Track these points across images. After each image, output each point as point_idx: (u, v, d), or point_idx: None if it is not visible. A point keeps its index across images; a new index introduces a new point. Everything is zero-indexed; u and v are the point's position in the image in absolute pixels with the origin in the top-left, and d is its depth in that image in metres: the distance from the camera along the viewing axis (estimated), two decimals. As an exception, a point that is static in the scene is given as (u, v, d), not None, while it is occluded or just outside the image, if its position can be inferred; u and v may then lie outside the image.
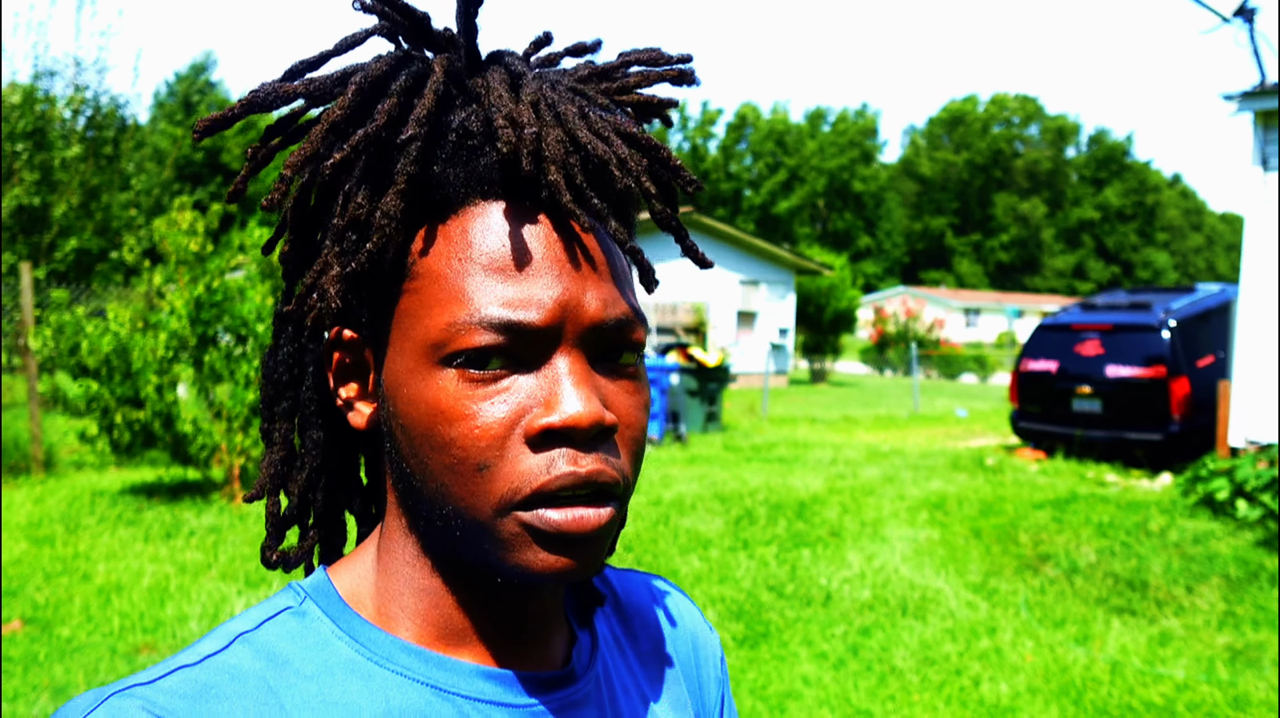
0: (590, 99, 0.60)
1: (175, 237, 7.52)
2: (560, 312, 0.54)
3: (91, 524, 6.32)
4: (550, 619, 0.64)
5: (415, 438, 0.55)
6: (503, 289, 0.54)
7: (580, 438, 0.54)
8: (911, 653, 4.40)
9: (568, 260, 0.55)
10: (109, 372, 7.00)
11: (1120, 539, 6.29)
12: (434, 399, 0.54)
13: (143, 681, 0.53)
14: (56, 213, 12.59)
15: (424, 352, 0.55)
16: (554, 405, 0.54)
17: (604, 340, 0.56)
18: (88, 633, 4.38)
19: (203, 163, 50.70)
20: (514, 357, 0.55)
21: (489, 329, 0.53)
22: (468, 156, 0.56)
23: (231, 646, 0.56)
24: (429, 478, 0.56)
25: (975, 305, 55.14)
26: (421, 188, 0.56)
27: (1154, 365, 9.21)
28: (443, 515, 0.56)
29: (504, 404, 0.54)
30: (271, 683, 0.54)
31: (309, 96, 0.59)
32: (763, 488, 7.96)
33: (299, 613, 0.59)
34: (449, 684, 0.58)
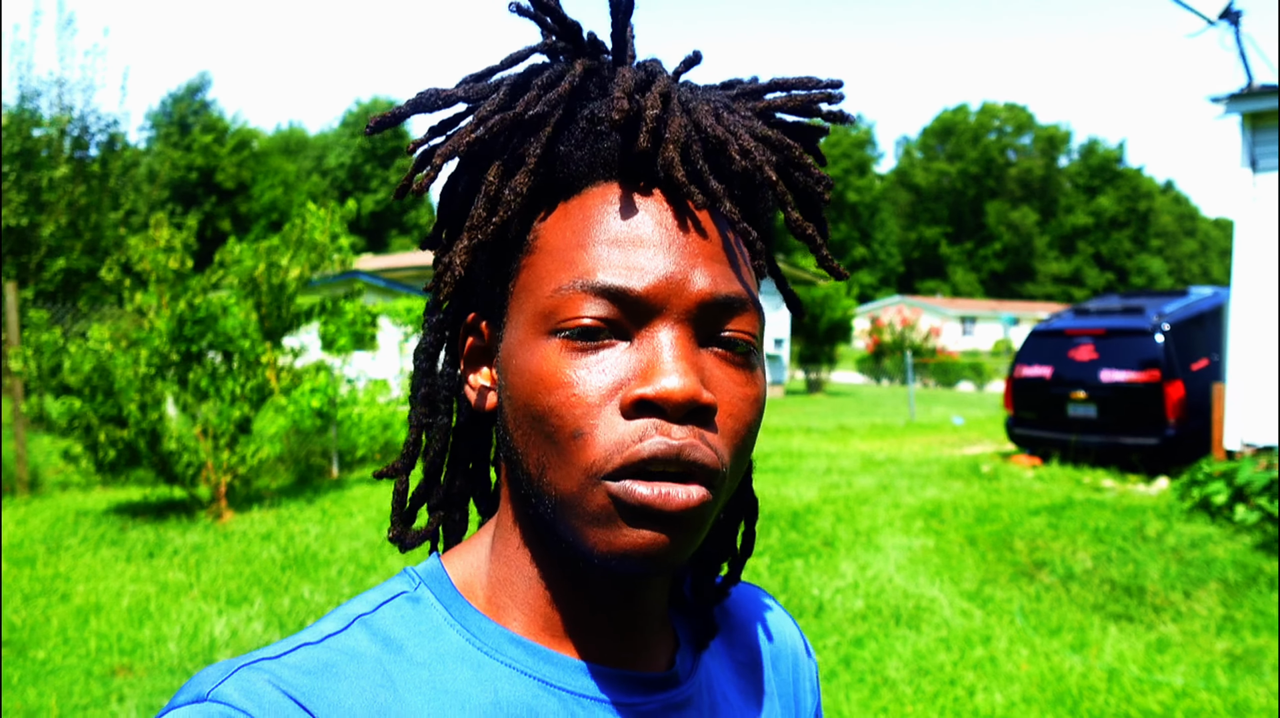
0: (732, 110, 0.61)
1: (153, 254, 7.46)
2: (666, 284, 0.55)
3: (73, 545, 6.23)
4: (654, 620, 0.64)
5: (519, 409, 0.56)
6: (610, 259, 0.55)
7: (673, 411, 0.53)
8: (905, 664, 4.31)
9: (679, 237, 0.56)
10: (91, 390, 6.93)
11: (1117, 545, 6.22)
12: (537, 368, 0.55)
13: (269, 656, 0.54)
14: (45, 233, 12.53)
15: (534, 323, 0.56)
16: (650, 377, 0.53)
17: (712, 319, 0.56)
18: (63, 655, 4.28)
19: (197, 183, 50.73)
20: (618, 327, 0.55)
21: (592, 294, 0.54)
22: (594, 140, 0.58)
23: (350, 627, 0.57)
24: (530, 450, 0.56)
25: (971, 314, 55.19)
26: (549, 168, 0.58)
27: (1148, 369, 9.15)
28: (539, 490, 0.56)
29: (603, 374, 0.54)
30: (387, 666, 0.55)
31: (468, 99, 0.61)
32: (756, 498, 7.88)
33: (413, 598, 0.60)
34: (556, 679, 0.59)
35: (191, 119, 54.18)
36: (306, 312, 8.63)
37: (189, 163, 49.16)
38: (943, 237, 79.75)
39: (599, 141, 0.58)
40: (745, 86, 0.65)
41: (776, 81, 0.65)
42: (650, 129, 0.56)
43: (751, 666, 0.73)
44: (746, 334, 0.57)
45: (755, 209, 0.62)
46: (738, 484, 0.61)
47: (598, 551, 0.54)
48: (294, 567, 5.66)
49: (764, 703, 0.71)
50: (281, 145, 62.04)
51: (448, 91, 0.61)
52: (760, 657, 0.74)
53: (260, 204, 53.61)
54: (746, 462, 0.60)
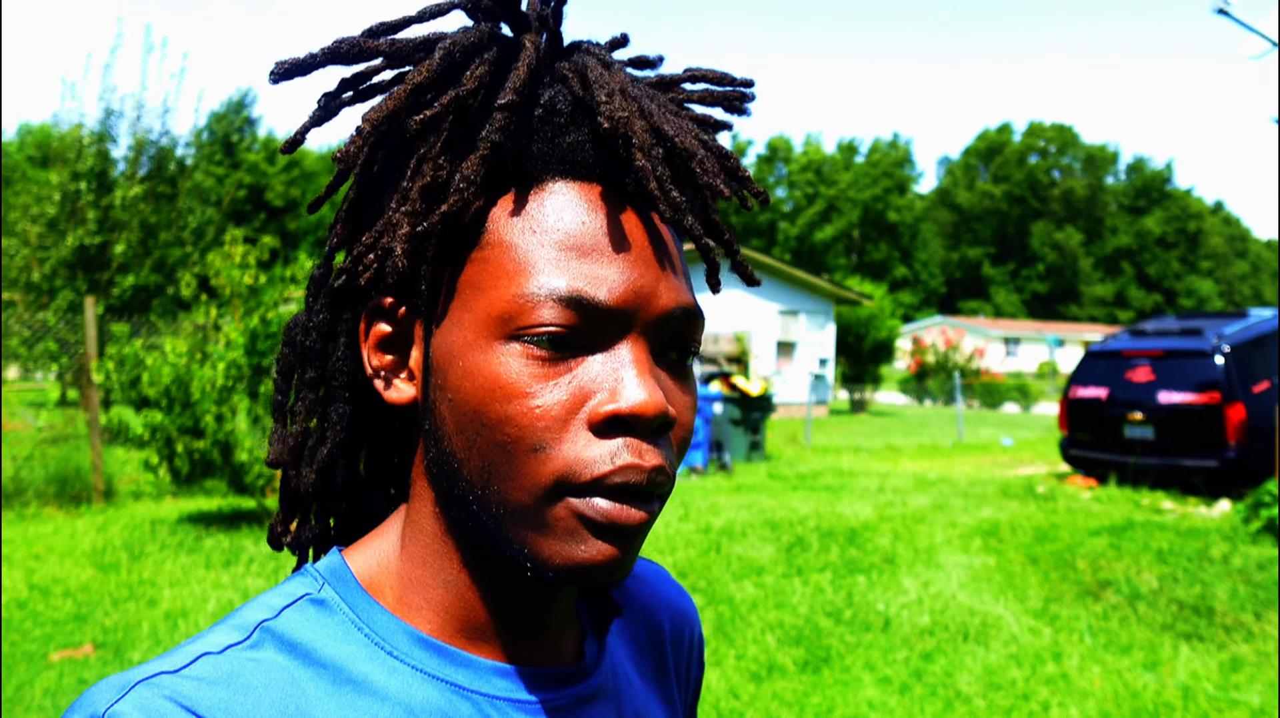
0: (677, 114, 0.60)
1: (229, 270, 7.72)
2: (633, 297, 0.53)
3: (154, 552, 6.44)
4: (567, 616, 0.63)
5: (466, 414, 0.53)
6: (576, 267, 0.53)
7: (644, 428, 0.52)
8: (976, 678, 4.35)
9: (645, 247, 0.55)
10: (169, 402, 7.17)
11: (1182, 566, 6.18)
12: (493, 374, 0.52)
13: (168, 669, 0.50)
14: (116, 250, 12.95)
15: (487, 324, 0.53)
16: (620, 393, 0.52)
17: (670, 333, 0.56)
18: (158, 655, 4.45)
19: (246, 200, 51.75)
20: (581, 338, 0.53)
21: (558, 304, 0.52)
22: (552, 133, 0.55)
23: (253, 635, 0.54)
24: (475, 457, 0.54)
25: (1015, 335, 54.58)
26: (501, 157, 0.55)
27: (1208, 391, 9.07)
28: (482, 498, 0.54)
29: (567, 386, 0.53)
30: (295, 675, 0.53)
31: (390, 56, 0.58)
32: (812, 515, 7.93)
33: (317, 601, 0.57)
34: (468, 683, 0.57)
35: (236, 137, 55.06)
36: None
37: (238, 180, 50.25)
38: (985, 257, 79.04)
39: (558, 135, 0.55)
40: (661, 77, 0.63)
41: (693, 72, 0.64)
42: (622, 134, 0.53)
43: (652, 644, 0.72)
44: (694, 345, 0.58)
45: (705, 211, 0.60)
46: None
47: (553, 563, 0.53)
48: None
49: (664, 681, 0.72)
50: (327, 164, 63.16)
51: (369, 44, 0.57)
52: (661, 635, 0.73)
53: (309, 222, 54.57)
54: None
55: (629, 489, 0.52)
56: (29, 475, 8.28)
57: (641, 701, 0.68)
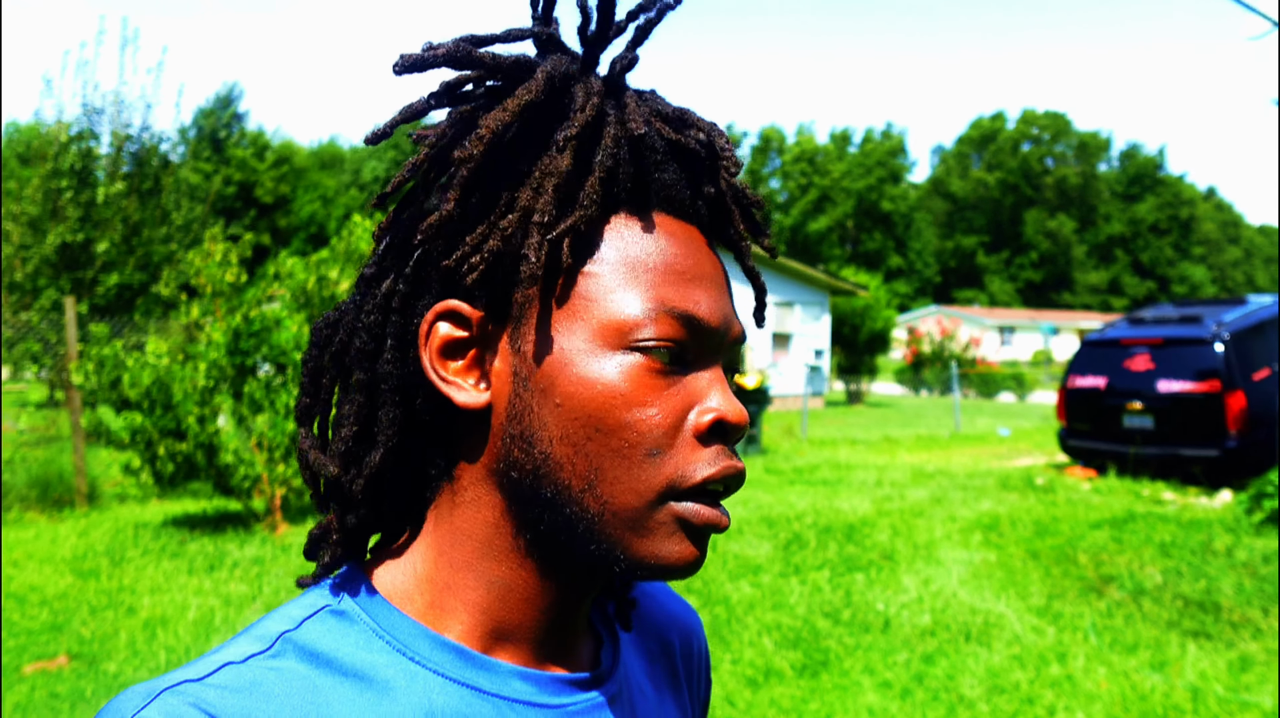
0: None
1: (210, 269, 7.55)
2: (723, 321, 0.60)
3: (136, 557, 6.29)
4: (583, 623, 0.66)
5: (577, 419, 0.56)
6: (683, 289, 0.58)
7: (735, 436, 0.58)
8: (979, 681, 4.22)
9: (721, 278, 0.61)
10: (150, 404, 7.01)
11: (1186, 559, 6.07)
12: (610, 382, 0.56)
13: (192, 677, 0.52)
14: (99, 248, 12.75)
15: (604, 335, 0.57)
16: (722, 405, 0.58)
17: (733, 356, 0.62)
18: (134, 668, 4.31)
19: (235, 196, 51.43)
20: (684, 355, 0.58)
21: (674, 320, 0.57)
22: (651, 168, 0.60)
23: (275, 645, 0.55)
24: (581, 461, 0.56)
25: (1010, 323, 54.52)
26: (615, 181, 0.59)
27: (1208, 380, 8.95)
28: (580, 500, 0.56)
29: (678, 397, 0.57)
30: (316, 683, 0.54)
31: (488, 69, 0.61)
32: (809, 511, 7.80)
33: (337, 612, 0.58)
34: (488, 686, 0.58)
35: (224, 133, 54.72)
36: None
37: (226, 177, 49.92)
38: (980, 246, 78.95)
39: (657, 171, 0.60)
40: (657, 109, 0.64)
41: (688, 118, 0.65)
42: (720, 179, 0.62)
43: (662, 653, 0.75)
44: (741, 364, 0.65)
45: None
46: None
47: (647, 562, 0.56)
48: (354, 579, 5.68)
49: (676, 692, 0.74)
50: (318, 160, 62.83)
51: (476, 54, 0.60)
52: (671, 648, 0.76)
53: (299, 218, 54.30)
54: None
55: (719, 495, 0.58)
56: (10, 479, 8.11)
57: (655, 710, 0.70)
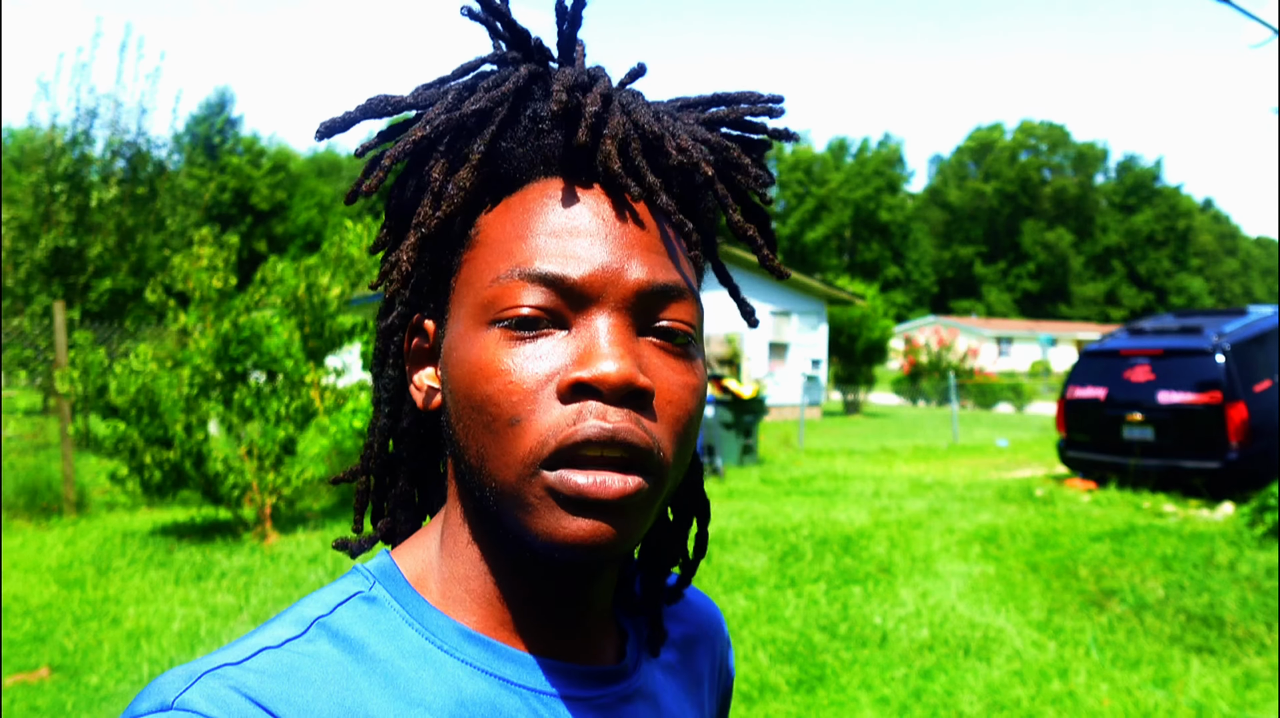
0: (675, 116, 0.63)
1: (197, 274, 7.47)
2: (602, 272, 0.55)
3: (122, 567, 6.19)
4: (602, 613, 0.65)
5: (460, 400, 0.57)
6: (550, 249, 0.56)
7: (610, 394, 0.53)
8: (979, 697, 4.13)
9: (617, 228, 0.57)
10: (137, 412, 6.92)
11: (1188, 573, 5.98)
12: (476, 357, 0.55)
13: (231, 661, 0.52)
14: (92, 254, 12.66)
15: (474, 314, 0.57)
16: (587, 361, 0.54)
17: (650, 307, 0.57)
18: (116, 681, 4.22)
19: (231, 203, 51.34)
20: (556, 315, 0.55)
21: (529, 282, 0.55)
22: (536, 137, 0.59)
23: (309, 630, 0.56)
24: (471, 441, 0.56)
25: (1007, 334, 54.51)
26: (493, 165, 0.59)
27: (1209, 391, 8.88)
28: (480, 482, 0.56)
29: (540, 360, 0.55)
30: (349, 668, 0.54)
31: (417, 105, 0.63)
32: (805, 522, 7.71)
33: (369, 598, 0.59)
34: (515, 677, 0.58)
35: (218, 139, 54.62)
36: (348, 330, 8.60)
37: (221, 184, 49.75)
38: (977, 256, 79.01)
39: (540, 138, 0.59)
40: (687, 99, 0.67)
41: (720, 96, 0.67)
42: (589, 124, 0.57)
43: (687, 648, 0.74)
44: (684, 323, 0.58)
45: (696, 207, 0.63)
46: (682, 475, 0.59)
47: (540, 541, 0.54)
48: (343, 590, 5.59)
49: (698, 686, 0.74)
50: (315, 168, 62.80)
51: (397, 97, 0.62)
52: (695, 641, 0.76)
53: (296, 225, 54.23)
54: (690, 452, 0.59)
55: (599, 458, 0.53)
56: (-3, 487, 8.01)
57: (677, 704, 0.69)
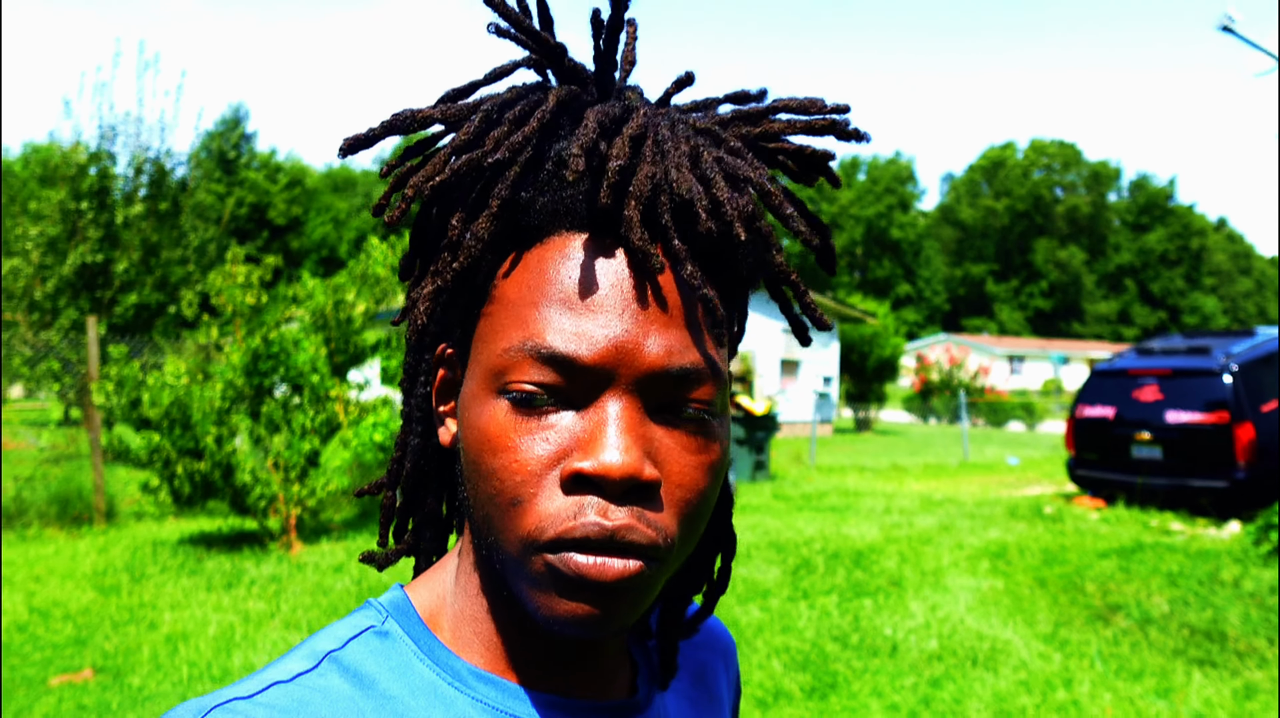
0: (722, 141, 0.58)
1: (231, 290, 7.70)
2: (614, 352, 0.52)
3: (155, 574, 6.40)
4: (614, 652, 0.64)
5: (469, 464, 0.56)
6: (563, 322, 0.53)
7: (611, 489, 0.51)
8: (986, 705, 4.28)
9: (634, 300, 0.53)
10: (169, 424, 7.13)
11: (1193, 589, 6.11)
12: (485, 427, 0.54)
13: (242, 694, 0.53)
14: (118, 269, 12.96)
15: (485, 378, 0.55)
16: (591, 450, 0.52)
17: (665, 390, 0.54)
18: (158, 682, 4.41)
19: (248, 218, 51.88)
20: (564, 394, 0.53)
21: (539, 361, 0.53)
22: (557, 187, 0.55)
23: (321, 665, 0.56)
24: (477, 506, 0.56)
25: (1019, 352, 54.47)
26: (513, 214, 0.56)
27: (1217, 411, 9.00)
28: (487, 545, 0.56)
29: (546, 442, 0.53)
30: (359, 704, 0.54)
31: (445, 121, 0.60)
32: (818, 537, 7.86)
33: (381, 633, 0.59)
34: (526, 714, 0.58)
35: (233, 153, 55.16)
36: (372, 346, 8.82)
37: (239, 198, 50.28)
38: (989, 274, 79.06)
39: (562, 189, 0.55)
40: (743, 110, 0.62)
41: (779, 103, 0.62)
42: (611, 183, 0.53)
43: (699, 676, 0.73)
44: (703, 405, 0.55)
45: (731, 264, 0.58)
46: (691, 549, 0.57)
47: (540, 614, 0.54)
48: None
49: (717, 711, 0.73)
50: (331, 183, 63.41)
51: (423, 113, 0.59)
52: (707, 667, 0.75)
53: (311, 240, 54.72)
54: (701, 527, 0.57)
55: (607, 548, 0.52)
56: (30, 496, 8.24)
57: None
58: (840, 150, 0.63)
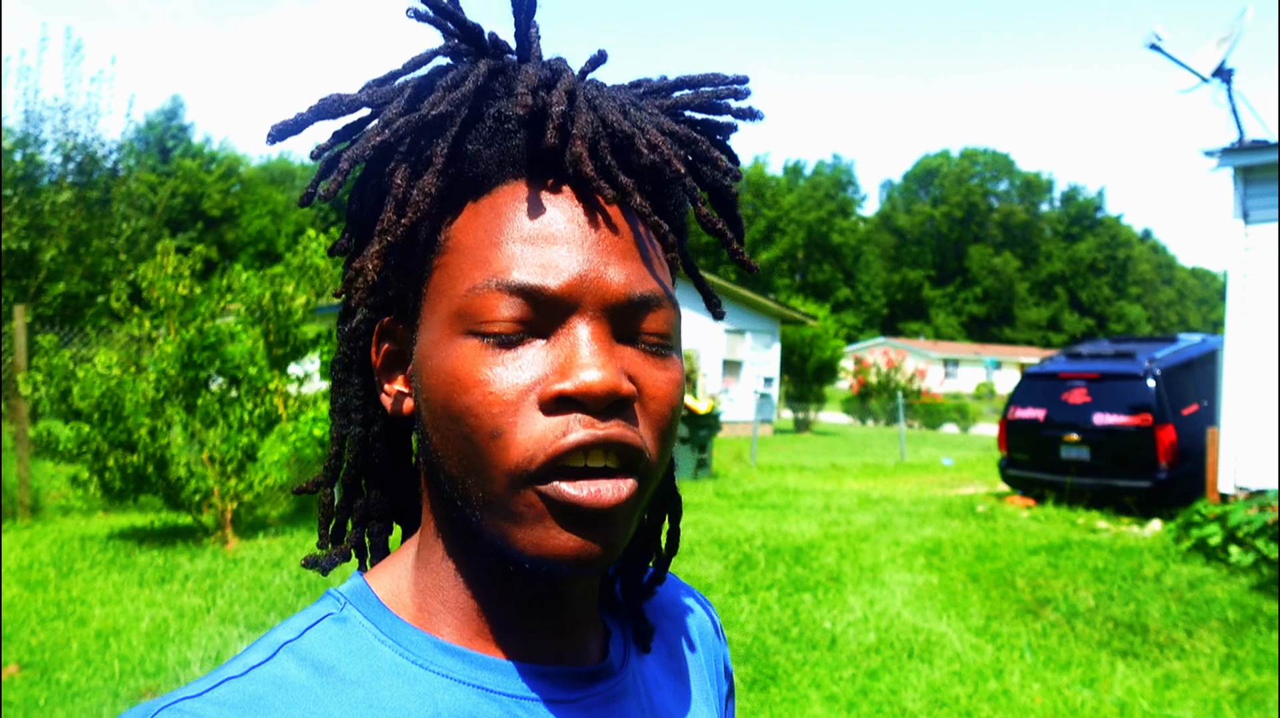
0: (639, 106, 0.62)
1: (162, 281, 7.52)
2: (579, 281, 0.54)
3: (84, 569, 6.22)
4: (585, 615, 0.64)
5: (436, 410, 0.56)
6: (525, 257, 0.55)
7: (594, 404, 0.53)
8: (921, 695, 4.39)
9: (592, 234, 0.56)
10: (100, 415, 6.94)
11: (1117, 584, 6.34)
12: (453, 368, 0.54)
13: (190, 693, 0.52)
14: (45, 257, 12.55)
15: (449, 322, 0.56)
16: (569, 371, 0.53)
17: (629, 317, 0.56)
18: (87, 678, 4.30)
19: (182, 208, 50.56)
20: (534, 325, 0.55)
21: (507, 293, 0.54)
22: (501, 139, 0.57)
23: (276, 656, 0.55)
24: (451, 452, 0.55)
25: (954, 356, 55.69)
26: (458, 168, 0.58)
27: (1140, 413, 9.33)
28: (462, 492, 0.55)
29: (520, 371, 0.54)
30: (318, 692, 0.53)
31: (371, 104, 0.61)
32: (759, 534, 7.96)
33: (340, 619, 0.58)
34: (494, 684, 0.58)
35: (171, 143, 53.76)
36: (312, 340, 8.69)
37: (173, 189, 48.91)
38: (925, 279, 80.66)
39: (506, 140, 0.57)
40: (652, 84, 0.65)
41: (683, 79, 0.65)
42: (557, 125, 0.55)
43: (675, 649, 0.73)
44: (663, 332, 0.57)
45: (666, 204, 0.62)
46: (664, 472, 0.59)
47: (527, 553, 0.53)
48: (309, 593, 5.69)
49: (691, 683, 0.72)
50: (268, 175, 62.12)
51: (351, 96, 0.60)
52: (682, 639, 0.75)
53: (248, 233, 53.53)
54: (671, 447, 0.59)
55: (586, 468, 0.53)
56: (-50, 490, 7.95)
57: (671, 700, 0.68)
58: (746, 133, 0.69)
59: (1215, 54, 8.18)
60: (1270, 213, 7.93)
